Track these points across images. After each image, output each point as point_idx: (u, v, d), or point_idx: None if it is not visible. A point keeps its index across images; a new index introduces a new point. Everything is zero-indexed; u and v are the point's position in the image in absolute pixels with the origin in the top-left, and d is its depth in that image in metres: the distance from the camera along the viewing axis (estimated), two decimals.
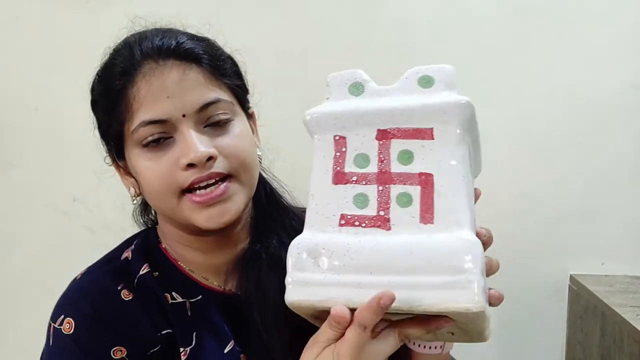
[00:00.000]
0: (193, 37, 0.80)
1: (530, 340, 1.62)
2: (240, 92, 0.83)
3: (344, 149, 0.67)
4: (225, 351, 0.80)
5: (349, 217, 0.64)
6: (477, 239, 0.61)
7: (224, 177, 0.77)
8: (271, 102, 0.98)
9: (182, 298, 0.82)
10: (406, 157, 0.65)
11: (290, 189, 0.92)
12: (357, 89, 0.69)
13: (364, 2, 1.56)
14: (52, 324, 0.78)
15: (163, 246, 0.86)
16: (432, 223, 0.62)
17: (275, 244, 0.85)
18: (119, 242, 0.88)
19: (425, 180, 0.64)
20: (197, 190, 0.76)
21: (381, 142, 0.66)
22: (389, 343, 0.63)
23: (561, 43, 1.56)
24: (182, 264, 0.85)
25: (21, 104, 1.60)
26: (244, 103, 0.84)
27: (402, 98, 0.67)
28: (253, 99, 0.87)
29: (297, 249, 0.64)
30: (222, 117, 0.78)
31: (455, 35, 1.55)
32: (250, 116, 0.85)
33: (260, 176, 0.85)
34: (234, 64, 0.84)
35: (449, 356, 0.87)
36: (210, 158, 0.75)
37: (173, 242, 0.85)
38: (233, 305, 0.83)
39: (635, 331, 1.26)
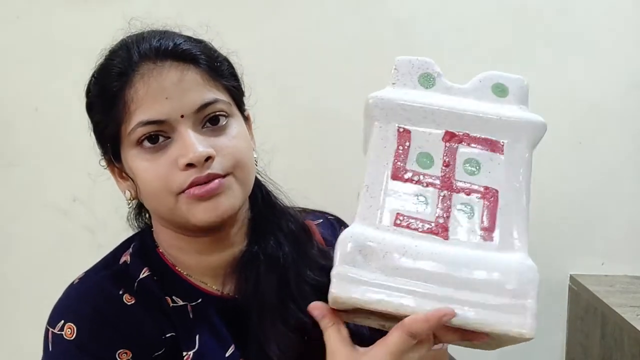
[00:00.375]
0: (189, 39, 0.80)
1: (530, 340, 1.61)
2: (236, 94, 0.83)
3: (407, 144, 0.63)
4: (227, 355, 0.80)
5: (404, 217, 0.61)
6: (534, 265, 0.60)
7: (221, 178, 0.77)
8: (267, 104, 0.97)
9: (183, 301, 0.81)
10: (472, 166, 0.62)
11: (286, 191, 0.91)
12: (427, 80, 0.66)
13: (364, 2, 1.56)
14: (51, 329, 0.77)
15: (160, 251, 0.85)
16: (492, 241, 0.60)
17: (272, 245, 0.85)
18: (119, 242, 0.88)
19: (490, 196, 0.61)
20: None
21: (447, 145, 0.63)
22: (425, 347, 0.62)
23: (561, 43, 1.56)
24: (179, 269, 0.84)
25: (21, 104, 1.60)
26: (240, 105, 0.84)
27: (475, 103, 0.64)
28: (249, 101, 0.87)
29: (348, 242, 0.60)
30: (220, 117, 0.78)
31: (455, 36, 1.55)
32: (246, 119, 0.85)
33: (256, 179, 0.84)
34: (230, 66, 0.84)
35: (447, 353, 0.87)
36: (209, 158, 0.74)
37: (169, 247, 0.84)
38: (232, 309, 0.82)
39: (635, 331, 1.26)
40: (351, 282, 0.59)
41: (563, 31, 1.55)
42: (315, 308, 0.66)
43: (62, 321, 0.76)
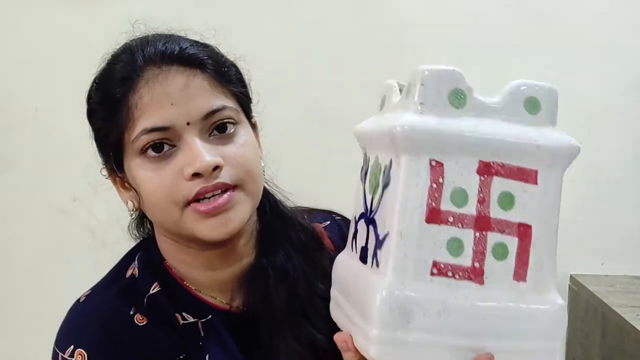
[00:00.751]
0: (196, 43, 0.76)
1: None
2: (244, 100, 0.79)
3: (440, 180, 0.57)
4: None
5: (442, 266, 0.57)
6: (563, 302, 0.60)
7: (229, 188, 0.73)
8: (272, 110, 0.95)
9: (194, 318, 0.78)
10: (507, 201, 0.58)
11: (294, 197, 0.88)
12: (458, 98, 0.58)
13: (366, 3, 1.56)
14: (60, 354, 0.73)
15: (167, 264, 0.81)
16: (525, 281, 0.58)
17: (281, 257, 0.81)
18: (119, 242, 0.86)
19: (524, 233, 0.58)
20: (202, 200, 0.71)
21: (482, 178, 0.58)
22: None
23: (560, 43, 1.55)
24: (187, 283, 0.80)
25: (21, 104, 1.59)
26: (247, 112, 0.80)
27: (510, 127, 0.59)
28: (257, 108, 0.84)
29: (387, 304, 0.56)
30: (228, 125, 0.74)
31: (455, 36, 1.55)
32: (253, 126, 0.81)
33: (264, 188, 0.80)
34: (238, 71, 0.80)
35: None
36: (217, 167, 0.70)
37: (175, 261, 0.81)
38: (242, 324, 0.79)
39: (635, 331, 1.26)
40: (393, 346, 0.56)
41: (562, 32, 1.55)
42: (342, 340, 0.64)
43: (72, 346, 0.73)
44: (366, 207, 0.67)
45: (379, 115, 0.67)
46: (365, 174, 0.69)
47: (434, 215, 0.57)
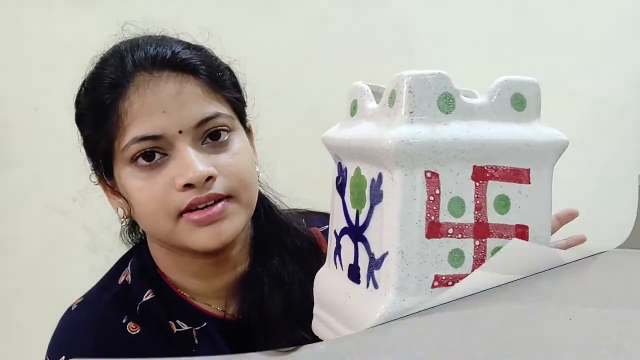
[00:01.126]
0: (189, 46, 0.74)
1: None
2: (239, 105, 0.77)
3: (437, 192, 0.55)
4: None
5: (443, 278, 0.56)
6: None
7: (223, 198, 0.71)
8: (269, 113, 0.95)
9: (188, 326, 0.76)
10: (503, 204, 0.57)
11: (290, 201, 0.87)
12: (447, 103, 0.56)
13: (364, 3, 1.56)
14: None
15: (160, 272, 0.79)
16: None
17: (276, 264, 0.80)
18: (119, 243, 0.85)
19: (522, 234, 0.58)
20: (194, 210, 0.70)
21: (478, 184, 0.56)
22: None
23: (560, 43, 1.56)
24: (181, 291, 0.79)
25: (21, 104, 1.59)
26: (242, 117, 0.78)
27: (499, 127, 0.57)
28: (252, 112, 0.82)
29: (386, 320, 0.55)
30: (221, 132, 0.71)
31: (455, 35, 1.55)
32: (248, 130, 0.79)
33: (259, 193, 0.79)
34: (232, 75, 0.77)
35: None
36: (210, 178, 0.68)
37: (168, 269, 0.79)
38: (237, 331, 0.78)
39: None
40: None
41: (562, 31, 1.55)
42: None
43: (64, 357, 0.72)
44: (349, 221, 0.64)
45: (352, 122, 0.64)
46: (342, 184, 0.66)
47: (434, 229, 0.55)
